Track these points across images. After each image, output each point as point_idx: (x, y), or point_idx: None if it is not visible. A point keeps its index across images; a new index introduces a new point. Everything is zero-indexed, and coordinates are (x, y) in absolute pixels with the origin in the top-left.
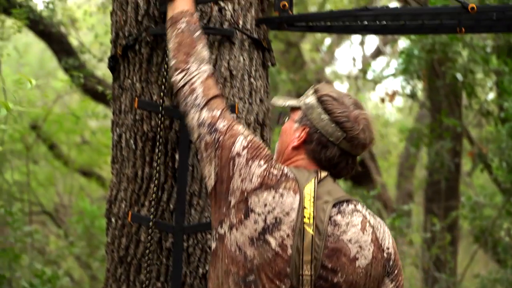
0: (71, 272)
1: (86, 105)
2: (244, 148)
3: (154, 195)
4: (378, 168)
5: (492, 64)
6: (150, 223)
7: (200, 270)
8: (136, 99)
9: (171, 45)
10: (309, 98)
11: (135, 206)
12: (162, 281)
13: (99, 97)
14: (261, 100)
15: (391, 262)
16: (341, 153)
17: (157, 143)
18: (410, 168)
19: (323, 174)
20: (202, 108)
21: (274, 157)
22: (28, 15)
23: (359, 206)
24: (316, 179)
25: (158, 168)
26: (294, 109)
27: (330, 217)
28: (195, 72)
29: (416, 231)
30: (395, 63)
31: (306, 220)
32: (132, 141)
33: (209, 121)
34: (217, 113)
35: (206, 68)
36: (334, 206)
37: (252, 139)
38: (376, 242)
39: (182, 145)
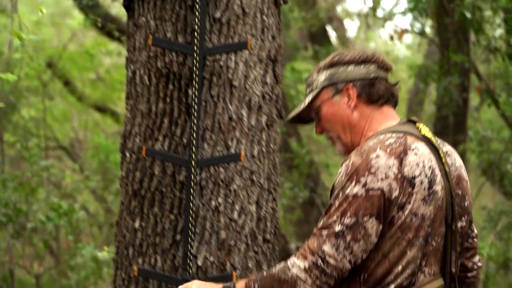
0: (86, 206)
1: (100, 43)
2: (357, 178)
3: (168, 130)
4: None
5: (500, 1)
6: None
7: (213, 203)
8: (150, 36)
9: None
10: (322, 75)
11: (149, 140)
12: (175, 213)
13: (113, 35)
14: (273, 37)
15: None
16: (385, 81)
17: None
18: (419, 103)
19: (412, 118)
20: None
21: (354, 142)
22: None
23: None
24: (417, 123)
25: (171, 103)
26: (316, 99)
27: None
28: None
29: None
30: (404, 1)
31: (443, 160)
32: (146, 77)
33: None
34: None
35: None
36: None
37: (342, 182)
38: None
39: (195, 81)
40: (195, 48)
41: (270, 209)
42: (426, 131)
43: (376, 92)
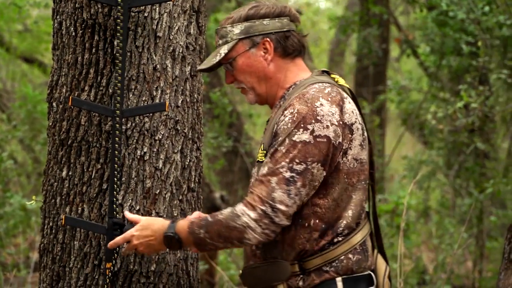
0: (14, 155)
1: None
2: (311, 128)
3: (93, 80)
4: (310, 54)
5: None
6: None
7: (138, 152)
8: None
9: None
10: (237, 28)
11: (76, 90)
12: (102, 163)
13: None
14: None
15: None
16: (297, 32)
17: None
18: (341, 54)
19: (324, 69)
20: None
21: (269, 93)
22: None
23: None
24: (331, 74)
25: (97, 54)
26: (231, 51)
27: None
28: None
29: None
30: None
31: (360, 107)
32: (72, 28)
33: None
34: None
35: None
36: None
37: (288, 129)
38: None
39: (120, 32)
40: None
41: (195, 158)
42: (342, 82)
43: (290, 45)
